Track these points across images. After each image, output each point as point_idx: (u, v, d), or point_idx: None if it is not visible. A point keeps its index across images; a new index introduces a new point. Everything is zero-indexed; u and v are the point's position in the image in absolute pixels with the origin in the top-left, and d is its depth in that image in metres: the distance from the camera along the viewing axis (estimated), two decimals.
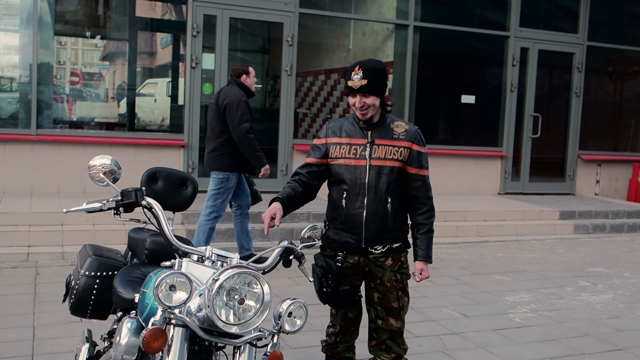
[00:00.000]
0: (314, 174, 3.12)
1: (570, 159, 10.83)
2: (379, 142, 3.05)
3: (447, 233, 8.06)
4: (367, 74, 2.96)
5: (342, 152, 3.07)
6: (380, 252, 3.10)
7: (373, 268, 3.12)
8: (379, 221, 3.04)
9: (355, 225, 3.05)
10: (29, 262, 6.01)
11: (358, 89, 2.96)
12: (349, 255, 3.11)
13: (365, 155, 3.04)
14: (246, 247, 6.21)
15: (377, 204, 3.02)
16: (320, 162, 3.12)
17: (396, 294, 3.13)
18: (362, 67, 2.97)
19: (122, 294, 2.70)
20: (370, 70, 2.97)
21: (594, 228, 9.02)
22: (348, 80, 3.00)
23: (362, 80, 2.95)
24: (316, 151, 3.14)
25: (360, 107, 3.00)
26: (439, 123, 11.12)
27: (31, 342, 4.10)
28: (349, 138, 3.09)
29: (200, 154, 8.55)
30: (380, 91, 3.03)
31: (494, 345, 4.48)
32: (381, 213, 3.03)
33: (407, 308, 3.21)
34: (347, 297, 2.96)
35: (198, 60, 8.46)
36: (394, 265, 3.11)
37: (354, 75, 2.97)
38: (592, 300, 5.73)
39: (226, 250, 2.38)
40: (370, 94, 2.98)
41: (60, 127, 8.74)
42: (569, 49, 10.65)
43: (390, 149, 3.04)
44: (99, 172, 2.49)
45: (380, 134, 3.06)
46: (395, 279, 3.12)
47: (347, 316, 3.24)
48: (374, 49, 10.63)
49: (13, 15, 8.80)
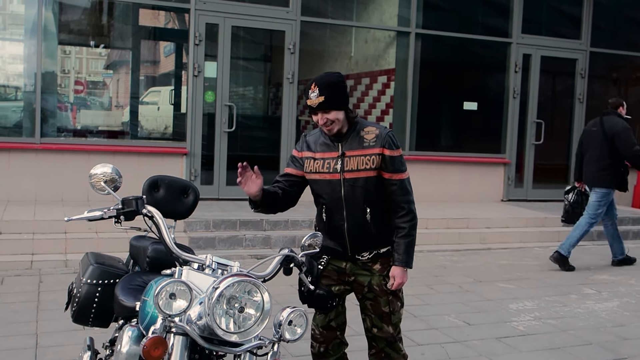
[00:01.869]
0: (293, 184, 3.09)
1: (574, 165, 10.79)
2: (350, 153, 2.99)
3: (450, 240, 8.05)
4: (323, 91, 2.88)
5: (316, 167, 3.04)
6: (368, 258, 3.07)
7: (359, 276, 3.09)
8: (361, 231, 3.02)
9: (339, 235, 3.05)
10: (33, 270, 6.02)
11: (317, 106, 2.91)
12: (334, 260, 3.10)
13: (337, 168, 3.00)
14: (620, 252, 7.45)
15: (356, 215, 3.00)
16: (297, 173, 3.10)
17: (386, 299, 3.09)
18: (318, 84, 2.89)
19: (124, 302, 2.70)
20: (325, 86, 2.90)
21: (599, 235, 8.97)
22: (307, 99, 2.95)
23: (319, 98, 2.89)
24: (295, 162, 3.12)
25: (324, 124, 2.96)
26: (442, 130, 11.12)
27: (34, 350, 4.10)
28: (322, 152, 3.05)
29: (203, 162, 8.59)
30: (340, 104, 2.94)
31: (497, 353, 4.46)
32: (361, 223, 3.01)
33: (399, 313, 3.15)
34: (319, 302, 2.87)
35: (200, 69, 8.49)
36: (382, 269, 3.08)
37: (311, 93, 2.91)
38: (596, 308, 5.70)
39: (227, 259, 2.38)
40: (330, 109, 2.92)
41: (64, 136, 8.77)
42: (572, 55, 10.65)
43: (362, 159, 2.98)
44: (100, 180, 2.50)
45: (350, 145, 3.00)
46: (384, 283, 3.08)
47: (329, 325, 3.19)
48: (376, 56, 10.66)
49: (18, 25, 8.86)
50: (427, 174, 9.52)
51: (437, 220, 8.22)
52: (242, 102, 11.22)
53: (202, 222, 7.19)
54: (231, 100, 8.80)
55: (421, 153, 9.59)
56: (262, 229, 7.41)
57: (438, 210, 8.68)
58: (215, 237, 7.04)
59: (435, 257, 7.36)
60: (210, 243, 6.96)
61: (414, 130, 9.69)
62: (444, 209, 8.88)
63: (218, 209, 7.90)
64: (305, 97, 2.96)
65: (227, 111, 8.64)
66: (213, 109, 8.69)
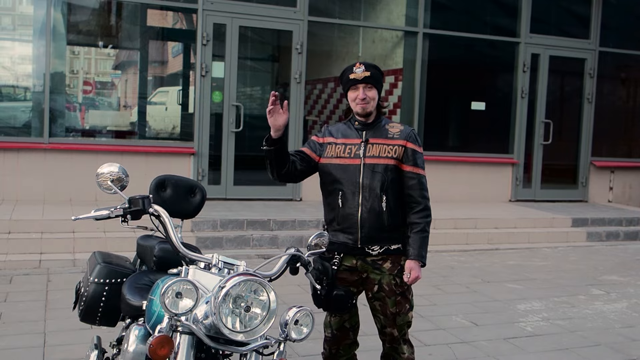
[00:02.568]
0: (303, 160, 3.12)
1: (583, 165, 10.76)
2: (373, 140, 3.08)
3: (458, 240, 8.03)
4: (369, 68, 3.07)
5: (337, 152, 3.10)
6: (378, 254, 3.06)
7: (371, 272, 3.09)
8: (374, 219, 3.02)
9: (351, 225, 3.05)
10: (41, 269, 6.06)
11: (362, 79, 3.02)
12: (346, 258, 3.09)
13: (359, 154, 3.06)
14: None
15: (372, 202, 3.02)
16: (313, 156, 3.14)
17: (394, 299, 3.08)
18: (362, 63, 3.08)
19: (131, 301, 2.71)
20: (372, 66, 3.10)
21: (608, 236, 8.94)
22: (349, 74, 3.06)
23: (365, 72, 3.03)
24: (312, 145, 3.18)
25: (363, 99, 3.04)
26: (449, 130, 11.09)
27: (42, 348, 4.12)
28: (345, 139, 3.13)
29: (210, 162, 8.61)
30: (379, 87, 3.12)
31: (504, 354, 4.44)
32: (376, 211, 3.02)
33: (406, 315, 3.13)
34: (339, 303, 2.90)
35: (208, 69, 8.51)
36: (392, 269, 3.07)
37: (356, 69, 3.05)
38: (605, 309, 5.67)
39: (234, 259, 2.38)
40: (373, 86, 3.06)
41: (72, 136, 8.81)
42: (581, 54, 10.60)
43: (384, 147, 3.07)
44: (107, 179, 2.51)
45: (374, 134, 3.10)
46: (394, 283, 3.07)
47: (343, 326, 3.19)
48: (383, 56, 10.64)
49: (27, 26, 8.91)
50: (435, 174, 9.41)
51: (444, 220, 8.20)
52: (250, 102, 11.22)
53: (210, 222, 7.20)
54: (238, 100, 8.82)
55: (429, 153, 9.46)
56: (269, 228, 7.42)
57: (446, 211, 8.66)
58: (222, 237, 7.05)
59: (442, 258, 7.34)
60: (217, 243, 6.97)
61: (422, 131, 9.66)
62: (451, 209, 8.85)
63: (225, 209, 7.91)
64: (348, 73, 3.07)
65: (235, 111, 8.66)
66: (220, 109, 8.70)
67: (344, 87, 3.12)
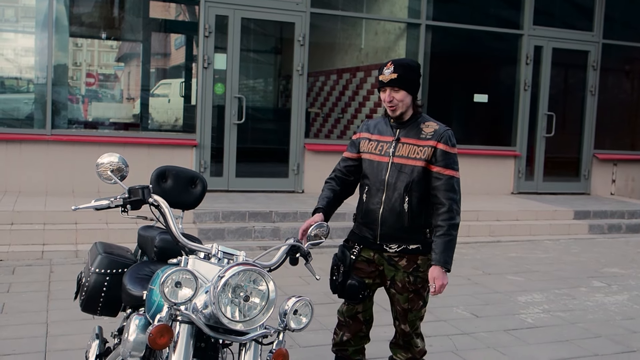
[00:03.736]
0: (350, 169, 3.19)
1: (585, 158, 10.73)
2: (405, 140, 3.04)
3: (459, 232, 7.98)
4: (398, 69, 2.96)
5: (370, 148, 3.12)
6: (395, 252, 3.05)
7: (386, 267, 3.10)
8: (395, 219, 3.00)
9: (372, 220, 3.06)
10: (44, 260, 6.08)
11: (388, 82, 2.98)
12: (364, 250, 3.12)
13: (389, 152, 3.06)
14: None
15: (394, 201, 3.00)
16: (355, 156, 3.20)
17: (406, 296, 3.07)
18: (394, 63, 3.00)
19: (131, 291, 2.72)
20: (402, 66, 2.99)
21: (610, 228, 8.93)
22: (379, 74, 3.04)
23: (392, 75, 2.96)
24: (352, 147, 3.23)
25: (389, 102, 3.00)
26: (452, 122, 10.99)
27: (44, 338, 4.15)
28: (379, 135, 3.13)
29: (212, 154, 8.62)
30: (411, 88, 3.01)
31: (504, 345, 4.45)
32: (397, 211, 3.00)
33: (418, 312, 3.12)
34: (351, 293, 2.92)
35: (210, 61, 8.50)
36: (408, 267, 3.05)
37: (385, 70, 3.00)
38: (606, 301, 5.67)
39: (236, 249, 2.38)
40: (400, 89, 2.97)
41: (75, 128, 8.83)
42: (584, 47, 10.55)
43: (414, 148, 3.01)
44: (107, 169, 2.52)
45: (407, 133, 3.06)
46: (408, 281, 3.05)
47: (356, 316, 3.19)
48: (386, 48, 10.61)
49: (30, 18, 8.91)
50: None
51: None
52: (252, 94, 11.22)
53: (212, 213, 7.22)
54: (241, 93, 8.81)
55: None
56: (271, 220, 7.43)
57: None
58: (224, 228, 7.07)
59: None
60: (219, 234, 6.99)
61: None
62: None
63: (227, 201, 7.93)
64: (379, 73, 3.05)
65: (237, 103, 8.65)
66: (223, 101, 8.70)
67: (377, 85, 3.13)
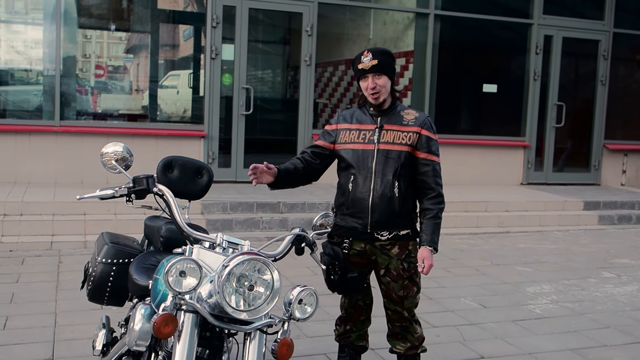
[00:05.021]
0: (318, 155, 3.17)
1: (596, 148, 10.64)
2: (388, 127, 3.07)
3: (468, 223, 8.00)
4: (377, 56, 3.02)
5: (352, 137, 3.10)
6: (387, 239, 3.06)
7: (379, 256, 3.10)
8: (385, 205, 3.02)
9: (362, 209, 3.04)
10: (53, 251, 6.12)
11: (370, 68, 2.99)
12: (355, 242, 3.10)
13: (373, 139, 3.06)
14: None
15: (384, 187, 3.02)
16: (327, 145, 3.17)
17: (402, 283, 3.09)
18: (371, 50, 3.04)
19: (137, 281, 2.73)
20: (379, 52, 3.05)
21: (620, 219, 8.87)
22: (358, 64, 3.04)
23: (373, 61, 2.99)
24: (326, 136, 3.19)
25: (373, 89, 3.02)
26: (461, 113, 11.00)
27: (53, 328, 4.18)
28: (359, 124, 3.12)
29: (220, 145, 8.62)
30: (391, 73, 3.08)
31: (512, 336, 4.43)
32: (387, 197, 3.02)
33: (413, 298, 3.15)
34: (354, 285, 2.94)
35: (218, 51, 8.49)
36: (400, 253, 3.08)
37: (363, 58, 3.02)
38: (615, 292, 5.64)
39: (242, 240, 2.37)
40: (382, 74, 3.02)
41: (84, 119, 8.86)
42: (595, 36, 10.44)
43: (399, 134, 3.06)
44: (111, 159, 2.52)
45: (389, 120, 3.09)
46: (402, 268, 3.08)
47: (357, 304, 3.22)
48: (395, 38, 10.55)
49: (39, 10, 8.92)
50: (446, 157, 9.28)
51: (455, 203, 8.17)
52: (260, 85, 11.21)
53: (220, 204, 7.23)
54: (249, 83, 8.80)
55: (440, 136, 9.18)
56: (279, 211, 7.44)
57: (456, 194, 8.62)
58: (232, 219, 7.08)
59: (452, 241, 7.33)
60: (227, 225, 7.00)
61: (433, 113, 9.58)
62: (462, 193, 8.81)
63: (235, 192, 7.93)
64: (357, 63, 3.05)
65: (245, 94, 8.64)
66: (230, 92, 8.69)
67: (356, 76, 3.11)
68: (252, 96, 8.70)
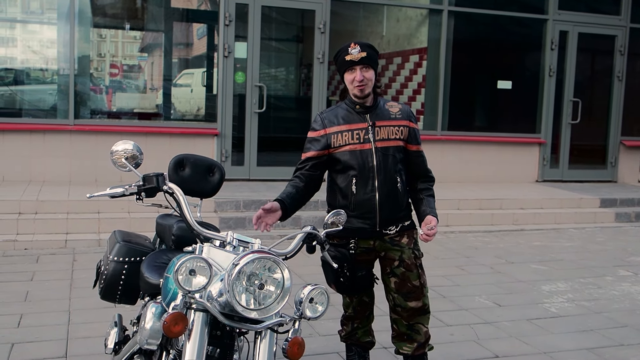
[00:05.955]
0: (315, 166, 3.09)
1: (612, 145, 10.52)
2: (380, 123, 3.07)
3: (482, 221, 7.93)
4: (365, 48, 3.00)
5: (345, 139, 3.04)
6: (395, 232, 3.10)
7: (390, 250, 3.10)
8: (392, 202, 3.05)
9: (369, 210, 3.03)
10: (67, 249, 6.16)
11: (359, 60, 2.97)
12: (361, 241, 3.08)
13: (369, 138, 3.04)
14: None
15: (389, 185, 3.03)
16: (320, 153, 3.07)
17: (417, 272, 3.11)
18: (359, 43, 3.02)
19: (149, 279, 2.73)
20: (367, 45, 3.04)
21: (637, 216, 8.76)
22: (345, 56, 2.98)
23: (361, 53, 2.98)
24: (315, 144, 3.08)
25: (360, 81, 2.99)
26: (475, 110, 10.92)
27: (66, 326, 4.20)
28: (348, 124, 3.06)
29: (233, 143, 8.62)
30: (376, 67, 3.08)
31: (527, 335, 4.38)
32: (393, 194, 3.05)
33: (426, 285, 3.18)
34: (364, 283, 2.96)
35: (231, 49, 8.49)
36: (409, 242, 3.13)
37: (351, 50, 2.98)
38: (632, 291, 5.56)
39: (256, 239, 2.35)
40: (369, 67, 3.01)
41: (98, 118, 8.91)
42: (611, 31, 10.30)
43: (391, 129, 3.07)
44: (121, 157, 2.51)
45: (378, 116, 3.08)
46: (414, 256, 3.12)
47: (362, 300, 3.23)
48: (408, 35, 10.49)
49: (53, 10, 8.98)
50: (460, 154, 9.38)
51: (469, 201, 8.11)
52: (273, 83, 11.20)
53: (233, 202, 7.24)
54: (261, 81, 8.79)
55: (454, 133, 9.44)
56: None
57: (470, 192, 8.56)
58: (245, 217, 7.08)
59: (466, 238, 7.27)
60: (240, 223, 7.00)
61: (447, 110, 9.53)
62: (476, 190, 8.75)
63: (248, 190, 7.94)
64: (343, 55, 3.00)
65: (258, 92, 8.64)
66: (243, 90, 8.69)
67: (340, 68, 3.06)
68: (265, 94, 8.69)
